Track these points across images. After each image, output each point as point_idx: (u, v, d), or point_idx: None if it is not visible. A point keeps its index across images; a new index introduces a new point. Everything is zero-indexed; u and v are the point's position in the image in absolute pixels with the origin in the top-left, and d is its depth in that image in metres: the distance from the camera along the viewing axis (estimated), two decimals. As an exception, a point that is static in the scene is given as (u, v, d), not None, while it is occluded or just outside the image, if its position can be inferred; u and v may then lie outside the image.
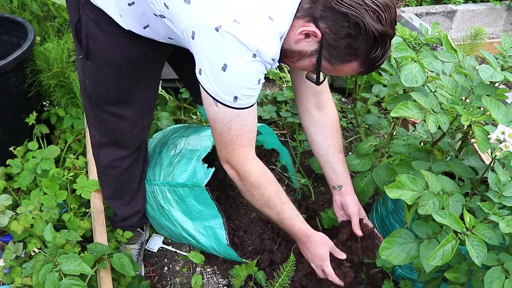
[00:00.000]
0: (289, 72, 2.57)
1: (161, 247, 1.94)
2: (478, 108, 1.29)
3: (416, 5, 3.96)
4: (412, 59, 1.38)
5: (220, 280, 1.84)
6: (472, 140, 1.57)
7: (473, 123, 1.21)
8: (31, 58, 2.07)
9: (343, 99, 2.89)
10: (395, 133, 1.90)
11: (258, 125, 1.76)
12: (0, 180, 1.88)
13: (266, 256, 1.79)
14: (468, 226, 1.12)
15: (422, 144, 1.66)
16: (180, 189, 1.70)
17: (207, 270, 1.87)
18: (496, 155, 1.15)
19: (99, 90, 1.46)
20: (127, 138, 1.61)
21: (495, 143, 1.14)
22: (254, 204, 1.41)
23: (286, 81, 2.76)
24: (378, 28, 1.08)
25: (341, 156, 1.61)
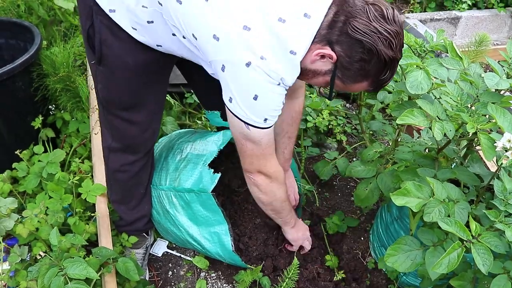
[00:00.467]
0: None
1: (165, 252, 1.94)
2: (484, 115, 1.29)
3: (420, 11, 3.97)
4: (418, 66, 1.39)
5: (224, 285, 1.84)
6: (477, 148, 1.57)
7: (478, 131, 1.21)
8: (38, 62, 2.08)
9: (348, 105, 2.89)
10: (400, 139, 1.90)
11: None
12: (6, 183, 1.89)
13: (269, 262, 1.79)
14: (474, 234, 1.12)
15: (427, 151, 1.66)
16: (186, 194, 1.71)
17: (212, 275, 1.87)
18: (502, 163, 1.15)
19: (111, 95, 1.48)
20: (138, 143, 1.63)
21: (501, 151, 1.14)
22: (275, 201, 1.59)
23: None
24: (389, 54, 1.16)
25: (286, 141, 1.80)
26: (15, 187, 1.94)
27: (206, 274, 1.87)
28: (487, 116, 1.31)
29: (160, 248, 1.94)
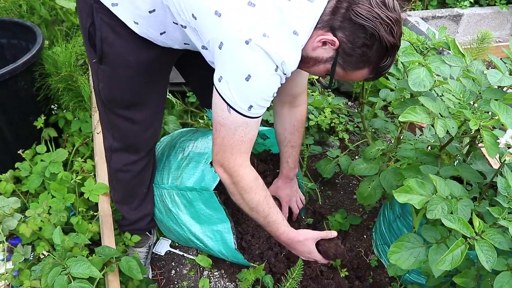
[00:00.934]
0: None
1: (168, 251, 1.95)
2: (486, 112, 1.29)
3: (422, 9, 3.96)
4: (420, 64, 1.39)
5: (227, 284, 1.84)
6: (480, 145, 1.57)
7: (481, 128, 1.20)
8: (40, 62, 2.08)
9: (350, 103, 2.89)
10: (402, 137, 1.89)
11: (266, 129, 1.79)
12: (9, 183, 1.89)
13: (271, 260, 1.79)
14: (477, 231, 1.12)
15: (430, 149, 1.65)
16: (189, 192, 1.71)
17: (215, 273, 1.87)
18: (505, 160, 1.15)
19: (113, 94, 1.48)
20: (140, 142, 1.63)
21: (504, 148, 1.14)
22: (242, 207, 1.46)
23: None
24: (391, 40, 1.16)
25: (289, 150, 1.77)
26: (18, 186, 1.95)
27: (209, 272, 1.88)
28: (490, 113, 1.31)
29: (163, 247, 1.94)
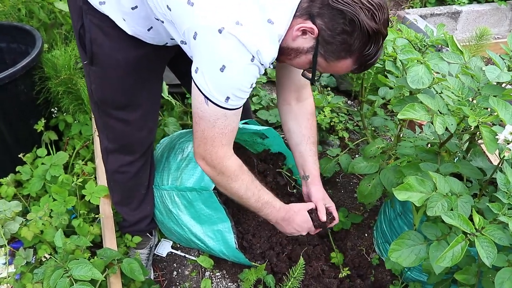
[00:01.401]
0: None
1: (170, 252, 1.95)
2: (485, 109, 1.29)
3: (420, 7, 3.96)
4: (418, 61, 1.39)
5: (229, 284, 1.84)
6: (479, 141, 1.57)
7: (480, 124, 1.20)
8: (39, 66, 2.09)
9: (349, 101, 2.89)
10: (402, 135, 1.89)
11: (265, 128, 1.78)
12: (10, 186, 1.90)
13: (273, 260, 1.80)
14: (477, 227, 1.12)
15: (430, 146, 1.65)
16: (189, 193, 1.71)
17: (216, 274, 1.87)
18: (504, 156, 1.15)
19: (105, 95, 1.48)
20: (134, 142, 1.62)
21: (503, 143, 1.14)
22: (232, 195, 1.46)
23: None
24: (372, 25, 1.12)
25: (313, 147, 1.68)
26: (19, 190, 1.95)
27: (211, 273, 1.88)
28: (488, 109, 1.31)
29: (164, 248, 1.95)
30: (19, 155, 1.90)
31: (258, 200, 1.46)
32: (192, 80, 1.21)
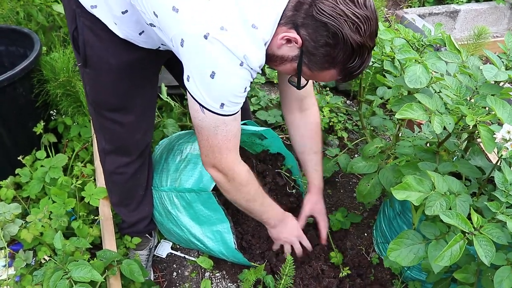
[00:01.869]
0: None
1: (169, 253, 1.95)
2: (483, 108, 1.29)
3: (418, 6, 3.96)
4: (416, 61, 1.39)
5: (229, 285, 1.84)
6: (478, 140, 1.57)
7: (478, 123, 1.20)
8: (38, 68, 2.09)
9: (348, 101, 2.89)
10: (400, 134, 1.90)
11: (263, 129, 1.79)
12: (9, 189, 1.90)
13: (272, 260, 1.80)
14: (476, 226, 1.12)
15: (428, 145, 1.66)
16: (187, 194, 1.71)
17: (216, 274, 1.88)
18: (502, 155, 1.15)
19: (99, 97, 1.49)
20: (130, 144, 1.63)
21: (501, 142, 1.14)
22: (239, 202, 1.49)
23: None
24: (356, 39, 1.10)
25: (314, 157, 1.74)
26: (19, 192, 1.95)
27: (211, 274, 1.88)
28: (486, 108, 1.31)
29: (164, 249, 1.95)
30: (18, 158, 1.90)
31: (263, 204, 1.49)
32: (186, 89, 1.21)
